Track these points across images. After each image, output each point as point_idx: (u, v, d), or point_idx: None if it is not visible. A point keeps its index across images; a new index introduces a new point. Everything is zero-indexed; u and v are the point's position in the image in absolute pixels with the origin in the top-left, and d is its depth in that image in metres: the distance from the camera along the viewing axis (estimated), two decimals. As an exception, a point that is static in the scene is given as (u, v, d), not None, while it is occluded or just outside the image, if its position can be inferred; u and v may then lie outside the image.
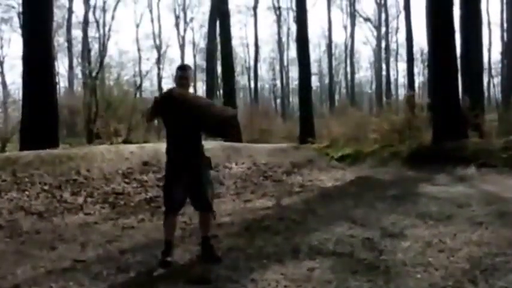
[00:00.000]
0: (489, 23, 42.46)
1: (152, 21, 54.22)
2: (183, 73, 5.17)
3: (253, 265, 4.94)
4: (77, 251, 5.73)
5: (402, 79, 52.91)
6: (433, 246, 5.46)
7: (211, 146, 12.78)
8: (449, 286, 4.28)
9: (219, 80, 33.62)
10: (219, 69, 31.21)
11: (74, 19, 44.59)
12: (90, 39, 43.69)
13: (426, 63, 38.77)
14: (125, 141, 18.29)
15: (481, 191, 9.03)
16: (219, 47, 28.02)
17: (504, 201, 7.73)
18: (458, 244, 5.51)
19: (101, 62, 27.97)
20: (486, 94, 41.55)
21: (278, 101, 57.24)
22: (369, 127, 19.04)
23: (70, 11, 44.01)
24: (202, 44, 50.11)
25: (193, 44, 55.01)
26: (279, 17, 51.92)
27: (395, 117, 17.73)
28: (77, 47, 45.45)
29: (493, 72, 47.80)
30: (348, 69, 53.14)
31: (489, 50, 44.37)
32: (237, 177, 10.08)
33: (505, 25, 38.25)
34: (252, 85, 52.18)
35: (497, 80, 47.45)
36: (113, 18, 45.73)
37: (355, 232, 6.09)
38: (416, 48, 40.71)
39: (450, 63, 14.79)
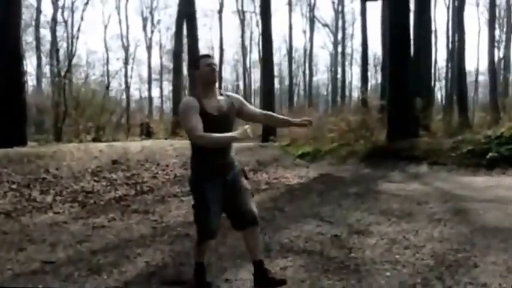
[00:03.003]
0: (435, 31, 43.10)
1: (120, 22, 53.37)
2: (212, 60, 3.87)
3: (226, 265, 4.69)
4: (46, 252, 5.32)
5: (355, 82, 53.44)
6: (398, 242, 5.31)
7: (178, 144, 12.50)
8: (418, 284, 4.11)
9: (185, 81, 33.15)
10: (185, 70, 30.74)
11: (42, 18, 43.50)
12: (58, 39, 42.62)
13: (379, 67, 39.11)
14: (94, 140, 17.79)
15: (435, 188, 8.99)
16: (185, 49, 27.59)
17: (458, 199, 7.69)
18: (422, 241, 5.38)
19: (70, 62, 27.26)
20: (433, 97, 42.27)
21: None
22: (327, 127, 18.99)
23: (38, 10, 42.91)
24: (169, 45, 49.51)
25: (160, 45, 54.38)
26: (243, 20, 51.66)
27: (351, 118, 17.70)
28: (46, 46, 44.32)
29: (438, 76, 48.68)
30: (307, 72, 53.36)
31: (435, 56, 45.06)
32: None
33: (450, 33, 38.86)
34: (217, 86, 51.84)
35: (442, 84, 48.49)
36: (81, 19, 44.71)
37: (323, 229, 5.91)
38: (369, 54, 41.04)
39: (404, 68, 14.86)
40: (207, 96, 3.75)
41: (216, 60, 3.94)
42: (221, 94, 3.89)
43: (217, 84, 3.91)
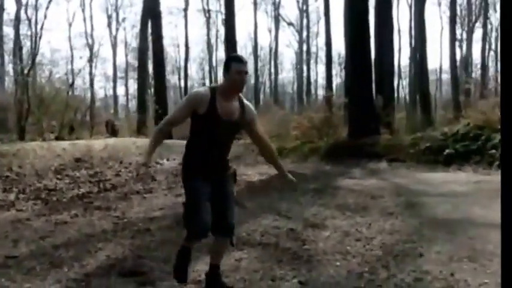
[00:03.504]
0: (399, 30, 43.87)
1: (85, 20, 52.56)
2: (244, 67, 3.66)
3: (185, 257, 4.88)
4: (9, 248, 5.43)
5: (321, 80, 53.97)
6: (351, 235, 5.60)
7: (142, 143, 12.61)
8: (365, 272, 4.39)
9: (150, 79, 33.05)
10: (150, 68, 30.64)
11: (5, 16, 42.63)
12: (22, 37, 41.89)
13: (343, 66, 39.60)
14: (57, 138, 17.71)
15: (392, 183, 9.34)
16: (150, 47, 27.55)
17: (412, 193, 8.04)
18: (373, 233, 5.68)
19: (33, 60, 26.93)
20: (396, 95, 43.13)
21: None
22: (291, 125, 19.28)
23: (1, 8, 42.04)
24: (134, 43, 49.17)
25: (125, 43, 53.91)
26: (208, 19, 51.66)
27: (314, 115, 18.01)
28: (9, 45, 43.53)
29: (402, 75, 49.56)
30: (272, 70, 53.74)
31: (399, 55, 45.87)
32: (168, 172, 9.96)
33: (413, 32, 39.62)
34: (182, 84, 51.79)
35: (405, 82, 49.37)
36: (45, 16, 44.06)
37: (280, 223, 6.15)
38: (334, 52, 41.52)
39: (365, 66, 15.26)
40: (225, 97, 3.64)
41: (249, 66, 4.00)
42: (240, 100, 3.74)
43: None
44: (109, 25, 52.52)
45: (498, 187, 8.60)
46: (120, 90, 60.05)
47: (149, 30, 27.55)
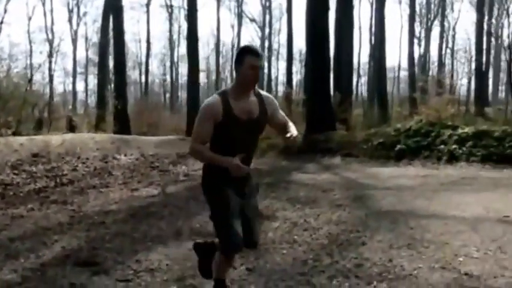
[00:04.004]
0: (360, 28, 44.61)
1: (45, 14, 51.59)
2: (258, 61, 3.27)
3: (138, 248, 5.09)
4: (-35, 241, 5.54)
5: (282, 77, 54.42)
6: (299, 226, 5.90)
7: (100, 138, 12.68)
8: (310, 259, 4.68)
9: (111, 74, 32.83)
10: (111, 63, 30.42)
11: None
12: (-20, 31, 40.93)
13: (304, 63, 40.10)
14: (15, 134, 17.53)
15: (343, 178, 9.70)
16: (111, 42, 27.37)
17: (361, 187, 8.41)
18: (320, 223, 5.99)
19: (-9, 54, 26.43)
20: (355, 92, 43.85)
21: (168, 95, 56.75)
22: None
23: (-41, 2, 40.98)
24: (95, 38, 48.60)
25: (86, 38, 53.16)
26: (170, 14, 51.44)
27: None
28: (-33, 39, 42.50)
29: (361, 72, 50.38)
30: (234, 66, 53.85)
31: (359, 52, 46.62)
32: (125, 167, 10.09)
33: (373, 29, 40.36)
34: (143, 80, 51.53)
35: (364, 79, 50.25)
36: (5, 11, 43.06)
37: (232, 216, 6.39)
38: (295, 49, 41.99)
39: (323, 64, 15.61)
40: (239, 96, 3.30)
41: (263, 60, 3.13)
42: (256, 94, 3.41)
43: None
44: (70, 19, 51.68)
45: (443, 181, 9.08)
46: (80, 86, 59.18)
47: (110, 25, 27.37)
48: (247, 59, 3.24)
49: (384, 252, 4.82)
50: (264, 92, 3.53)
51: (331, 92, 17.43)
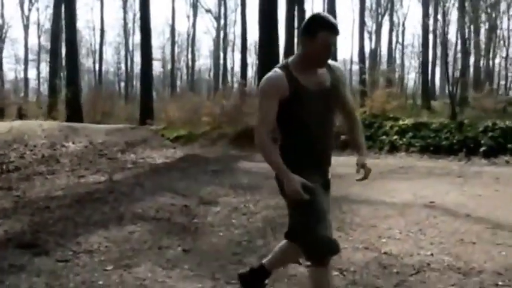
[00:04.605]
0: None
1: (-5, -1, 50.19)
2: (334, 38, 2.76)
3: (80, 231, 5.20)
4: None
5: (238, 68, 54.57)
6: (238, 210, 6.13)
7: (48, 126, 12.60)
8: (244, 241, 4.92)
9: (64, 62, 32.30)
10: (63, 51, 29.90)
11: None
12: None
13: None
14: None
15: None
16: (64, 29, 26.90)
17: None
18: (259, 208, 6.24)
19: None
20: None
21: (122, 84, 56.15)
22: (203, 111, 19.67)
23: None
24: (47, 25, 47.55)
25: (38, 24, 51.97)
26: (125, 2, 50.84)
27: (225, 102, 18.48)
28: None
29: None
30: (189, 56, 53.75)
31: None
32: (73, 155, 10.10)
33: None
34: (97, 68, 50.86)
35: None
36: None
37: (175, 201, 6.57)
38: (250, 41, 42.18)
39: (272, 55, 15.88)
40: (305, 70, 2.81)
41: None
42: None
43: None
44: (21, 5, 50.44)
45: (382, 170, 9.46)
46: (32, 73, 57.88)
47: (63, 12, 26.89)
48: (322, 35, 2.69)
49: (314, 235, 5.10)
50: (332, 61, 2.97)
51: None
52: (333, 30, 2.72)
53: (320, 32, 2.69)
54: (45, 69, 49.54)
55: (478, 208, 6.21)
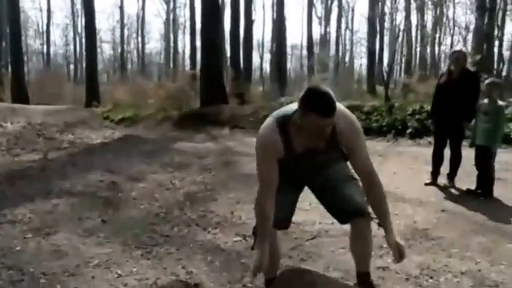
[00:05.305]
0: (263, 6, 45.38)
1: None
2: (327, 121, 2.47)
3: (7, 204, 5.42)
4: None
5: (188, 51, 54.35)
6: (163, 186, 6.46)
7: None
8: (162, 212, 5.26)
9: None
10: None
11: None
12: None
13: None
14: None
15: (222, 146, 10.37)
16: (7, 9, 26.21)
17: (234, 154, 9.11)
18: (184, 184, 6.59)
19: None
20: (260, 68, 44.97)
21: (72, 67, 55.16)
22: (149, 94, 19.82)
23: None
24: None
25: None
26: (73, -18, 49.80)
27: (171, 86, 18.69)
28: None
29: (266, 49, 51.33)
30: (140, 39, 53.24)
31: (263, 30, 47.51)
32: (11, 135, 10.14)
33: (275, 7, 41.19)
34: (45, 50, 49.86)
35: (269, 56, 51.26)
36: None
37: (105, 178, 6.83)
38: (199, 25, 42.00)
39: (214, 39, 16.15)
40: (302, 130, 2.57)
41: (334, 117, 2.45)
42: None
43: None
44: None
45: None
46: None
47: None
48: (312, 116, 2.46)
49: (229, 206, 5.49)
50: (343, 111, 2.67)
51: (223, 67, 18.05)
52: (324, 114, 2.44)
53: (310, 112, 2.45)
54: None
55: (388, 184, 6.63)
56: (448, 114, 6.41)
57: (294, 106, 2.61)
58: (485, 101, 6.16)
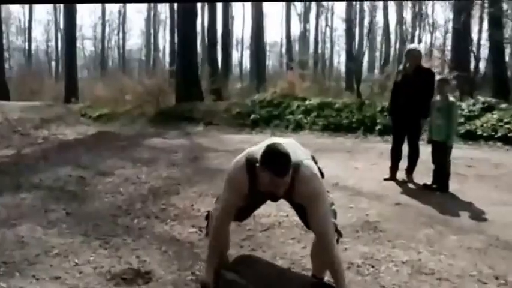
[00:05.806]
0: (243, 4, 45.45)
1: None
2: (279, 181, 2.76)
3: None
4: None
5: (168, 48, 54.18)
6: (129, 180, 6.66)
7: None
8: (125, 205, 5.48)
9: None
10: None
11: None
12: None
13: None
14: None
15: (193, 142, 10.56)
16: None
17: (203, 150, 9.33)
18: (150, 179, 6.78)
19: None
20: (241, 65, 45.11)
21: (53, 63, 54.77)
22: (127, 90, 19.86)
23: None
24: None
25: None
26: (54, -21, 49.34)
27: (148, 82, 18.76)
28: None
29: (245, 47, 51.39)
30: (121, 35, 53.07)
31: (243, 27, 47.63)
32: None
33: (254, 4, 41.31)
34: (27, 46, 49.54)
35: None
36: None
37: (74, 173, 7.02)
38: (180, 20, 41.91)
39: (189, 36, 16.31)
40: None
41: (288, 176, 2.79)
42: (293, 170, 2.84)
43: None
44: None
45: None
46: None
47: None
48: (265, 174, 2.73)
49: (191, 200, 5.71)
50: (307, 177, 2.92)
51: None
52: (276, 174, 2.69)
53: (265, 169, 2.71)
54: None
55: (348, 178, 6.94)
56: (405, 110, 6.69)
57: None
58: (438, 97, 6.46)
